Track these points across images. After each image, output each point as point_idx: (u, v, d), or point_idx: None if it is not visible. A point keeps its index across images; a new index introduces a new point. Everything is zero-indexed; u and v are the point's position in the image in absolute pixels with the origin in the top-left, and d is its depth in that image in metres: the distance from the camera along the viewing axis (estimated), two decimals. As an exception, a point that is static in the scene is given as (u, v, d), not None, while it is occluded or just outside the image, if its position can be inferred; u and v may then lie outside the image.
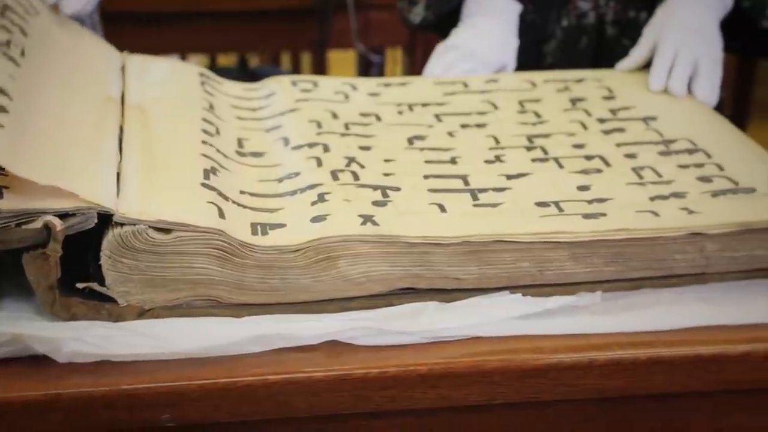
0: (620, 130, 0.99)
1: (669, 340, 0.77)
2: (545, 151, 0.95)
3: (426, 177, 0.88)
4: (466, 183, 0.88)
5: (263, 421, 0.73)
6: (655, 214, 0.83)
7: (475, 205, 0.84)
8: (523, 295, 0.80)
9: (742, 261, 0.82)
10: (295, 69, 2.49)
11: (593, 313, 0.79)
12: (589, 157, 0.94)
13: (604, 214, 0.83)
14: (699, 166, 0.92)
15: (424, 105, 1.05)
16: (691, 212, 0.83)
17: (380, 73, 2.18)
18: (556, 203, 0.84)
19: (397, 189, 0.85)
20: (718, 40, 1.15)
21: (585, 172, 0.91)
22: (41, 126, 0.80)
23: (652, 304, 0.80)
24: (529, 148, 0.96)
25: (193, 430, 0.73)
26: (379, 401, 0.74)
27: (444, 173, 0.90)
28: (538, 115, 1.03)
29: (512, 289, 0.80)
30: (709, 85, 1.10)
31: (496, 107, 1.05)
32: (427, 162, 0.92)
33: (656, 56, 1.12)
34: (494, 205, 0.84)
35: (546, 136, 0.98)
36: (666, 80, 1.09)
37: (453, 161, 0.92)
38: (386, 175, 0.88)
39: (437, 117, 1.02)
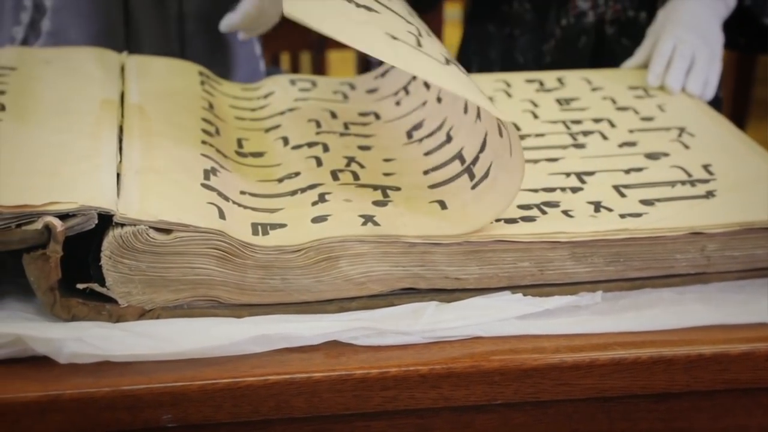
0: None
1: (670, 340, 0.77)
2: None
3: (426, 173, 0.88)
4: (462, 161, 0.86)
5: (264, 422, 0.73)
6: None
7: (473, 187, 0.82)
8: (524, 295, 0.80)
9: (741, 260, 0.82)
10: (294, 70, 2.48)
11: (594, 312, 0.80)
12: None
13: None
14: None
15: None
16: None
17: (379, 72, 2.17)
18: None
19: (398, 189, 0.85)
20: (719, 38, 1.15)
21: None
22: (35, 152, 0.81)
23: (653, 304, 0.81)
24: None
25: (194, 431, 0.73)
26: (379, 401, 0.74)
27: (442, 161, 0.88)
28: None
29: (513, 289, 0.80)
30: (704, 80, 1.10)
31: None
32: (426, 154, 0.91)
33: (654, 53, 1.12)
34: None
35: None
36: (663, 76, 1.09)
37: (448, 139, 0.91)
38: (386, 175, 0.88)
39: (438, 98, 1.00)
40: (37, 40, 1.28)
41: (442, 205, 0.82)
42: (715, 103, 1.15)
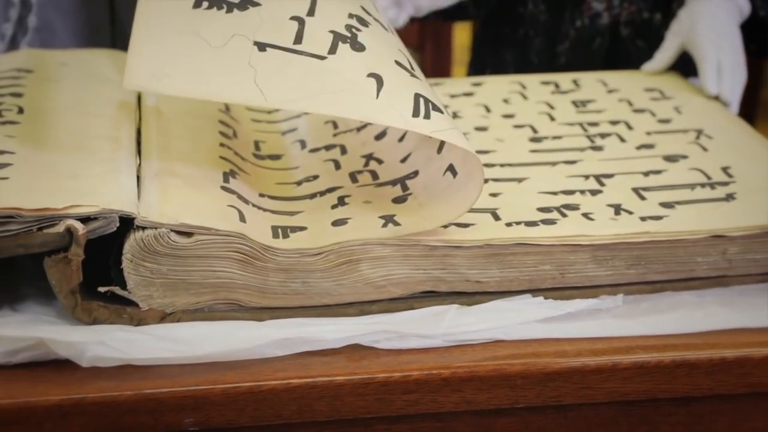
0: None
1: (693, 343, 0.77)
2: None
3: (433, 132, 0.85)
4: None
5: (286, 425, 0.73)
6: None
7: (462, 135, 0.79)
8: (545, 298, 0.79)
9: (762, 263, 0.82)
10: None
11: (615, 316, 0.79)
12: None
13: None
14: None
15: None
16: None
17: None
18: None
19: (415, 174, 0.84)
20: (741, 45, 1.14)
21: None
22: (54, 154, 0.81)
23: (674, 307, 0.80)
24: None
25: (215, 435, 0.73)
26: (401, 405, 0.73)
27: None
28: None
29: (534, 292, 0.80)
30: (737, 91, 1.09)
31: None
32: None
33: (702, 60, 1.10)
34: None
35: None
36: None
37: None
38: (403, 161, 0.87)
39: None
40: (24, 36, 1.27)
41: (453, 171, 0.80)
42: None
